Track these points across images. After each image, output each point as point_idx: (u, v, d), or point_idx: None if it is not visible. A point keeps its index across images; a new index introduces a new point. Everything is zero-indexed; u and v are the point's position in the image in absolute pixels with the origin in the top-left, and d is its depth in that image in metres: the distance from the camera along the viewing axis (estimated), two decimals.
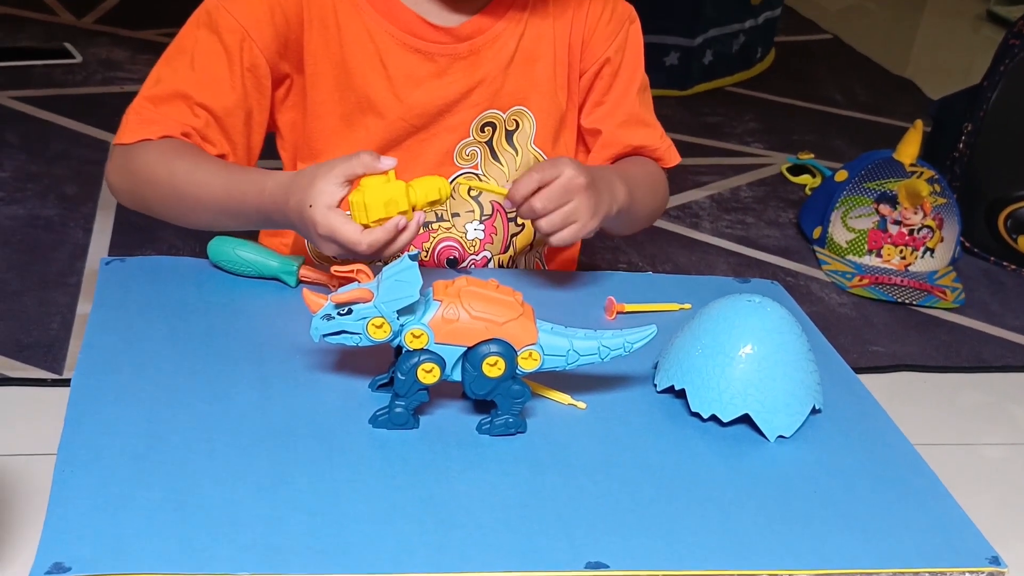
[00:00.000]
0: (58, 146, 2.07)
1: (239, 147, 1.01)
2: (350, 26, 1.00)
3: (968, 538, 0.75)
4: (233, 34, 0.97)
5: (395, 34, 1.01)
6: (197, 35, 0.99)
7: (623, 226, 1.08)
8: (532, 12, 1.05)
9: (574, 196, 0.92)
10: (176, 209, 0.98)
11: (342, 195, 0.85)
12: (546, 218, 0.92)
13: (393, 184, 0.84)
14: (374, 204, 0.83)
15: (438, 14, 1.02)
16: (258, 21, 0.97)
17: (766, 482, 0.78)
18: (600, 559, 0.68)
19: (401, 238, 0.85)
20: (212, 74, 0.98)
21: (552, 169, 0.92)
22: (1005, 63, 2.10)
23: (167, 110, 0.98)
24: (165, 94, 0.98)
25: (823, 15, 3.60)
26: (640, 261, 1.94)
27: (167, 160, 0.96)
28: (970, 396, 1.74)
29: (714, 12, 2.73)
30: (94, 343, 0.84)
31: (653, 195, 1.11)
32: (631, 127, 1.10)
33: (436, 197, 0.86)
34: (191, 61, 0.98)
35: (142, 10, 2.83)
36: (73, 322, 1.51)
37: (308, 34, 1.00)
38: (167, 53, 1.00)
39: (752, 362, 0.81)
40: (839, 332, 1.81)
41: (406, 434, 0.78)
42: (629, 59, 1.09)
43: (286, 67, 1.01)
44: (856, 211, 2.05)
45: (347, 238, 0.84)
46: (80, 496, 0.68)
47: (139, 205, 1.01)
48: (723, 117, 2.67)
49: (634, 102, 1.10)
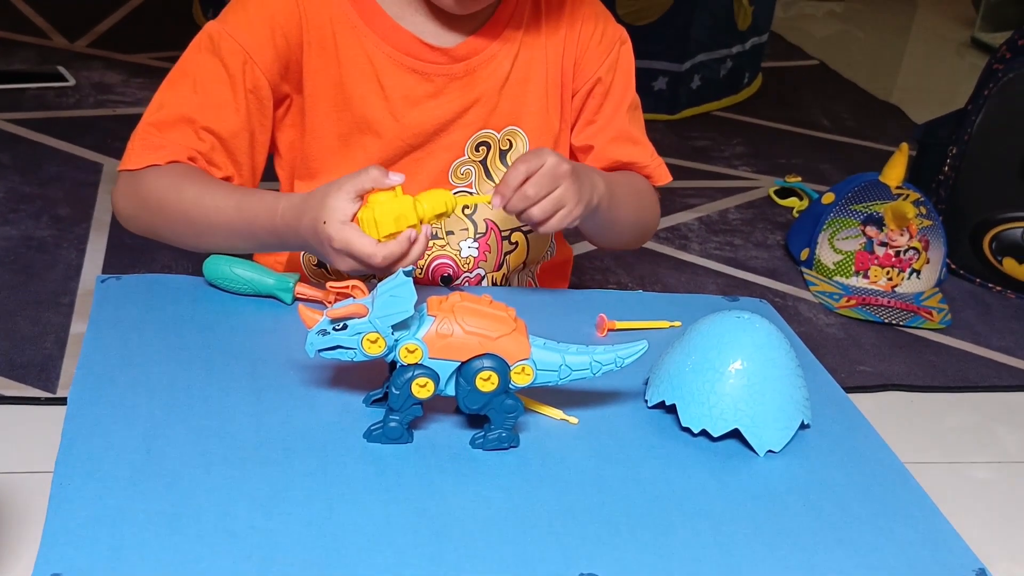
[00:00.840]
0: (51, 168, 2.08)
1: (244, 169, 1.02)
2: (348, 47, 1.02)
3: (956, 551, 0.76)
4: (235, 57, 0.98)
5: (392, 55, 1.02)
6: (199, 59, 1.00)
7: (605, 227, 1.08)
8: (526, 33, 1.06)
9: (561, 182, 0.94)
10: (186, 234, 0.99)
11: (354, 210, 0.86)
12: (538, 205, 0.93)
13: (401, 199, 0.86)
14: (384, 219, 0.85)
15: (435, 34, 1.03)
16: (259, 44, 0.99)
17: (756, 496, 0.79)
18: (592, 571, 0.69)
19: (414, 250, 0.86)
20: (216, 98, 0.99)
21: (536, 158, 0.93)
22: (989, 87, 2.13)
23: (172, 135, 0.99)
24: (170, 119, 0.99)
25: (809, 41, 3.65)
26: (630, 281, 1.96)
27: (176, 185, 0.97)
28: (956, 416, 1.75)
29: (702, 38, 2.77)
30: (90, 360, 0.85)
31: (637, 202, 1.11)
32: (620, 143, 1.11)
33: (443, 210, 0.88)
34: (194, 85, 0.99)
35: (135, 34, 2.85)
36: (67, 341, 1.52)
37: (307, 55, 1.01)
38: (169, 78, 1.01)
39: (741, 377, 0.82)
40: (827, 352, 1.82)
41: (400, 448, 0.78)
42: (620, 79, 1.11)
43: (286, 88, 1.03)
44: (843, 233, 2.07)
45: (362, 251, 0.85)
46: (78, 508, 0.69)
47: (147, 230, 1.02)
48: (711, 141, 2.70)
49: (624, 120, 1.11)
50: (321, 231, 0.86)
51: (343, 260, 0.87)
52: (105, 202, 1.96)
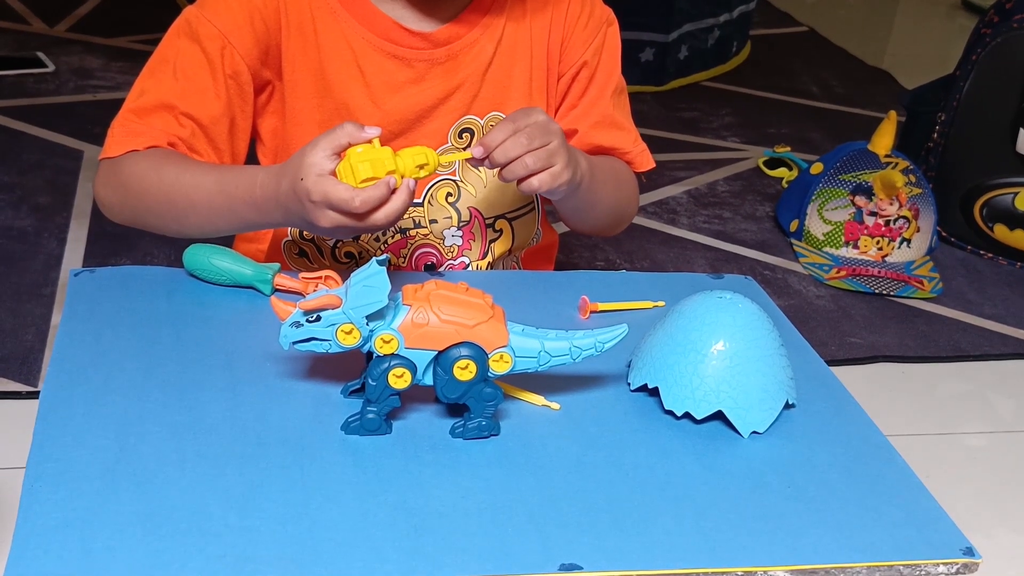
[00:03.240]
0: (31, 156, 2.06)
1: (225, 155, 1.01)
2: (327, 32, 1.00)
3: (942, 529, 0.75)
4: (214, 42, 0.97)
5: (372, 40, 1.01)
6: (178, 45, 0.98)
7: (584, 209, 1.06)
8: (509, 17, 1.04)
9: (553, 138, 0.91)
10: (167, 216, 0.97)
11: (331, 167, 0.84)
12: (532, 153, 0.89)
13: (378, 149, 0.84)
14: (360, 165, 0.83)
15: (414, 20, 1.01)
16: (238, 28, 0.97)
17: (740, 479, 0.78)
18: (574, 560, 0.68)
19: (395, 199, 0.84)
20: (196, 83, 0.97)
21: (525, 116, 0.91)
22: (977, 52, 2.11)
23: (152, 121, 0.97)
24: (150, 105, 0.98)
25: (798, 7, 3.62)
26: (618, 258, 1.94)
27: (156, 167, 0.95)
28: (949, 385, 1.75)
29: (688, 7, 2.74)
30: (63, 356, 0.83)
31: (616, 188, 1.09)
32: (603, 128, 1.09)
33: (423, 161, 0.85)
34: (174, 71, 0.98)
35: (115, 17, 2.82)
36: (48, 333, 1.51)
37: (286, 41, 0.99)
38: (149, 64, 1.00)
39: (724, 358, 0.81)
40: (817, 325, 1.81)
41: (379, 440, 0.77)
42: (606, 62, 1.09)
43: (267, 73, 1.01)
44: (832, 203, 2.06)
45: (339, 197, 0.82)
46: (49, 511, 0.67)
47: (129, 217, 1.00)
48: (699, 112, 2.68)
49: (608, 104, 1.09)
50: (299, 188, 0.84)
51: (323, 214, 0.84)
52: (86, 191, 1.94)
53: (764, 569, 0.70)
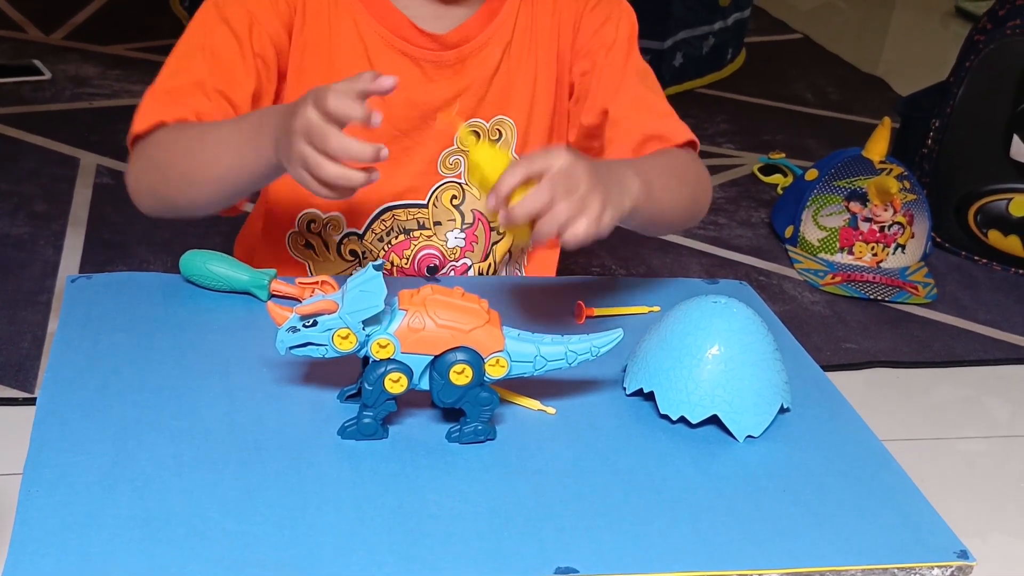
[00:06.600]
0: (27, 164, 2.06)
1: None
2: (340, 23, 1.01)
3: (937, 533, 0.76)
4: (242, 22, 0.97)
5: (384, 36, 1.01)
6: (207, 26, 0.99)
7: (647, 225, 1.00)
8: (520, 19, 1.04)
9: (581, 182, 0.79)
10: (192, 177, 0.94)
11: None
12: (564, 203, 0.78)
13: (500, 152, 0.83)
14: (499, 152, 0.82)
15: (428, 19, 1.02)
16: (264, 8, 0.98)
17: (736, 482, 0.78)
18: (570, 564, 0.68)
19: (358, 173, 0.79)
20: (225, 62, 0.97)
21: (543, 159, 0.79)
22: (971, 59, 2.12)
23: (183, 98, 0.97)
24: (182, 85, 0.97)
25: (793, 15, 3.63)
26: (614, 264, 1.95)
27: (180, 132, 0.95)
28: (944, 390, 1.75)
29: (683, 14, 2.75)
30: (60, 362, 0.83)
31: (682, 185, 1.02)
32: (641, 112, 1.06)
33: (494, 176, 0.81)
34: (203, 51, 0.98)
35: (111, 25, 2.82)
36: (44, 340, 1.51)
37: (298, 27, 1.00)
38: (178, 48, 1.00)
39: (719, 363, 0.82)
40: (812, 330, 1.82)
41: (375, 444, 0.77)
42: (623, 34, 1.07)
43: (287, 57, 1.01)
44: (827, 209, 2.07)
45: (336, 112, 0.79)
46: (46, 515, 0.68)
47: (159, 198, 0.98)
48: (694, 119, 2.67)
49: (639, 87, 1.07)
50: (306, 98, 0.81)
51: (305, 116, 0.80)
52: (82, 198, 1.94)
53: (759, 572, 0.71)
